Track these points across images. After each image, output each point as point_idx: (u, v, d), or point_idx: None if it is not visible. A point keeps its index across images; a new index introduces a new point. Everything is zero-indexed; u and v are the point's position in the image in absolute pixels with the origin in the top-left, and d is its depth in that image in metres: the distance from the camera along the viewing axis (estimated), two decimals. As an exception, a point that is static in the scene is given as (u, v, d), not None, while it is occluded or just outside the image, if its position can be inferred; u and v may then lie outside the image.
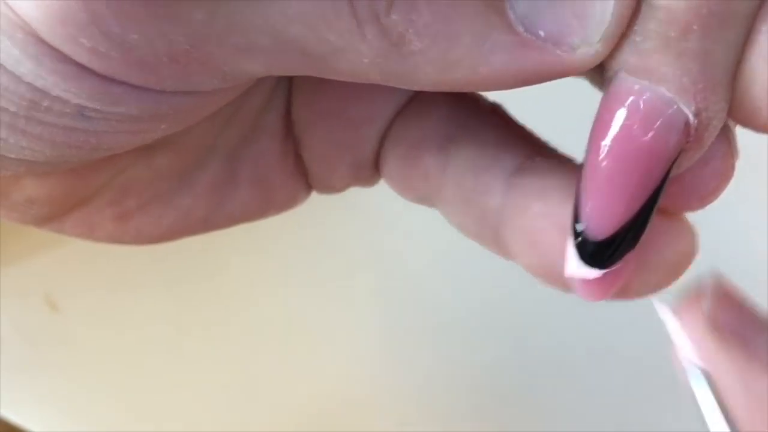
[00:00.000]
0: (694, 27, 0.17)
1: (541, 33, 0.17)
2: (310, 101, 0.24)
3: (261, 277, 0.38)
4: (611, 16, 0.17)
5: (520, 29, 0.17)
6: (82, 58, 0.17)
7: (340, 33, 0.17)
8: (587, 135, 0.18)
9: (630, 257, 0.19)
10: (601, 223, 0.18)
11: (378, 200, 0.39)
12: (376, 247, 0.39)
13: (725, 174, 0.19)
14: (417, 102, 0.24)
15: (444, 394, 0.37)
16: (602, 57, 0.17)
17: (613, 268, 0.19)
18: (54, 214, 0.22)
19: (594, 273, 0.19)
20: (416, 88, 0.18)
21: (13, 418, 0.35)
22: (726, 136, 0.19)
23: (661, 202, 0.19)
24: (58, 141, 0.18)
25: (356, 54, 0.17)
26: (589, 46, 0.17)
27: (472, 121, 0.23)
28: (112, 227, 0.23)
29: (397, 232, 0.40)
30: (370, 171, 0.25)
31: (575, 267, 0.19)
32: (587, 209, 0.18)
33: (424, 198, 0.24)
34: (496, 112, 0.24)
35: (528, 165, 0.22)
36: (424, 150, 0.23)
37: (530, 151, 0.22)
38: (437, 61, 0.17)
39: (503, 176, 0.22)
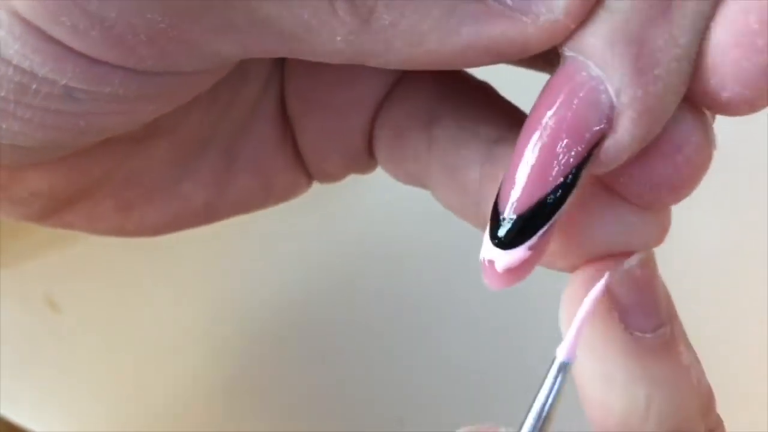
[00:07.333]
0: (637, 13, 0.17)
1: (509, 2, 0.17)
2: (299, 91, 0.24)
3: (261, 277, 0.38)
4: None
5: None
6: (64, 37, 0.17)
7: (313, 10, 0.17)
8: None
9: (536, 246, 0.18)
10: (512, 200, 0.18)
11: (380, 200, 0.39)
12: (376, 245, 0.39)
13: (700, 164, 0.18)
14: (402, 85, 0.24)
15: (444, 393, 0.37)
16: (565, 30, 0.17)
17: (517, 251, 0.18)
18: (56, 207, 0.22)
19: (499, 255, 0.18)
20: (388, 66, 0.18)
21: (13, 418, 0.35)
22: (701, 123, 0.18)
23: (622, 193, 0.18)
24: (48, 124, 0.18)
25: (329, 32, 0.17)
26: (552, 14, 0.17)
27: (456, 99, 0.23)
28: (114, 218, 0.23)
29: (398, 231, 0.40)
30: (365, 158, 0.25)
31: (486, 249, 0.18)
32: (502, 187, 0.18)
33: (416, 179, 0.24)
34: (481, 89, 0.23)
35: (509, 136, 0.21)
36: (409, 131, 0.23)
37: (513, 122, 0.22)
38: (407, 35, 0.17)
39: (483, 149, 0.21)
